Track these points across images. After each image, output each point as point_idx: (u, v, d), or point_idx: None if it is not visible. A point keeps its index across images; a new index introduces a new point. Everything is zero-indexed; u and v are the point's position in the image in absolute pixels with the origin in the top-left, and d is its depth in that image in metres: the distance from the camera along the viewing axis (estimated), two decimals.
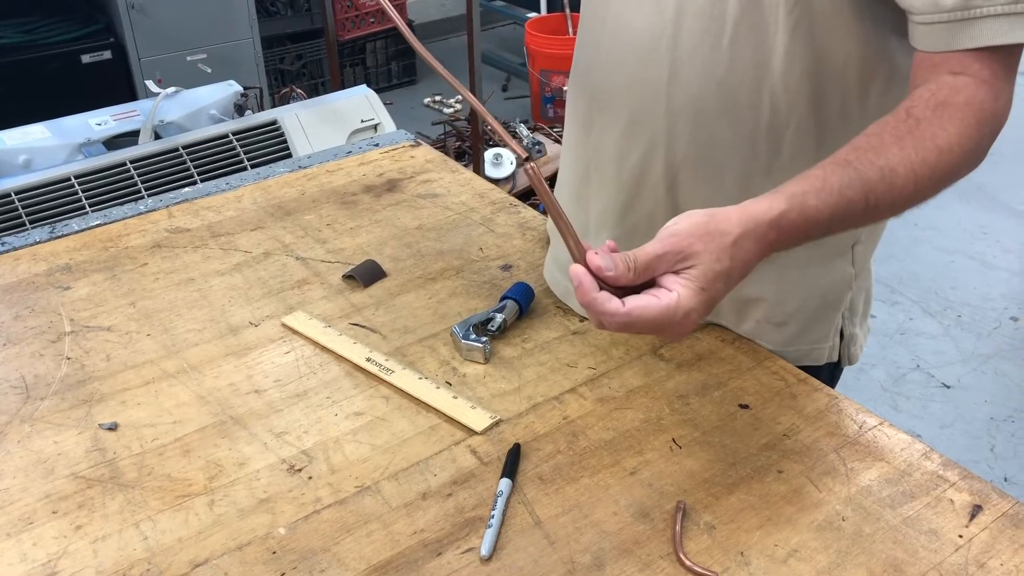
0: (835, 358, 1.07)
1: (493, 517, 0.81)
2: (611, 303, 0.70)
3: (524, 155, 0.71)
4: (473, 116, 3.22)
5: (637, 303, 0.70)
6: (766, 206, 0.74)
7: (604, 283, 0.72)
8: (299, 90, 2.30)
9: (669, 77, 0.92)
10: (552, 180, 1.14)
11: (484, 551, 0.79)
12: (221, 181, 1.44)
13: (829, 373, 1.08)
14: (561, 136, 1.94)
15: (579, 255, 0.72)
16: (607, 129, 1.01)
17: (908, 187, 0.77)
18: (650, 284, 0.73)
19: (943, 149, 0.77)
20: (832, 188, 0.76)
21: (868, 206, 0.77)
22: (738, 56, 0.88)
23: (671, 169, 0.97)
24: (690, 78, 0.91)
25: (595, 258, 0.71)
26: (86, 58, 3.22)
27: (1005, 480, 2.31)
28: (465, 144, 3.75)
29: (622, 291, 0.72)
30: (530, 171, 0.72)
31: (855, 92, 0.91)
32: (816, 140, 0.93)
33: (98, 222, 1.32)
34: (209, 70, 2.95)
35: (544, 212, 0.86)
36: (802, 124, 0.92)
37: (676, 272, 0.72)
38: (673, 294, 0.71)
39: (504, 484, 0.85)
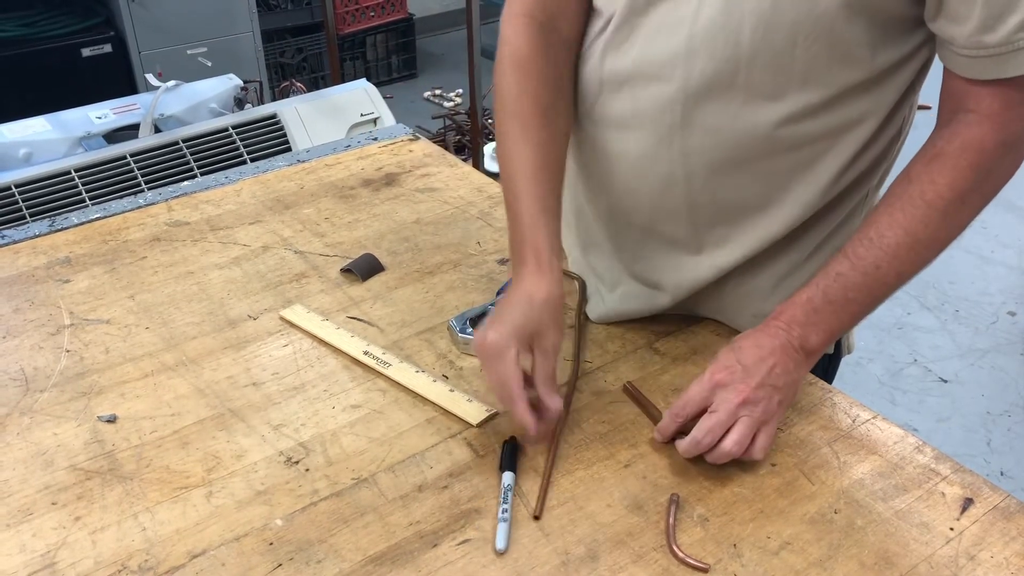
0: (830, 349, 1.07)
1: (506, 512, 0.82)
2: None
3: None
4: (473, 110, 3.22)
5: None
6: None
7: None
8: (299, 84, 2.30)
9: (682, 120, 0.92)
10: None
11: (500, 545, 0.79)
12: (220, 175, 1.44)
13: (824, 364, 1.08)
14: None
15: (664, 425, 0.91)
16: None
17: (905, 243, 0.86)
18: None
19: (930, 202, 0.85)
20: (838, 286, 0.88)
21: (877, 280, 0.87)
22: (751, 97, 0.88)
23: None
24: (704, 127, 0.91)
25: (670, 425, 0.90)
26: (86, 51, 3.23)
27: (1001, 474, 2.32)
28: (465, 138, 3.75)
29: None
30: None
31: None
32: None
33: (98, 215, 1.33)
34: (209, 64, 2.96)
35: None
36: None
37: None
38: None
39: (508, 477, 0.85)
